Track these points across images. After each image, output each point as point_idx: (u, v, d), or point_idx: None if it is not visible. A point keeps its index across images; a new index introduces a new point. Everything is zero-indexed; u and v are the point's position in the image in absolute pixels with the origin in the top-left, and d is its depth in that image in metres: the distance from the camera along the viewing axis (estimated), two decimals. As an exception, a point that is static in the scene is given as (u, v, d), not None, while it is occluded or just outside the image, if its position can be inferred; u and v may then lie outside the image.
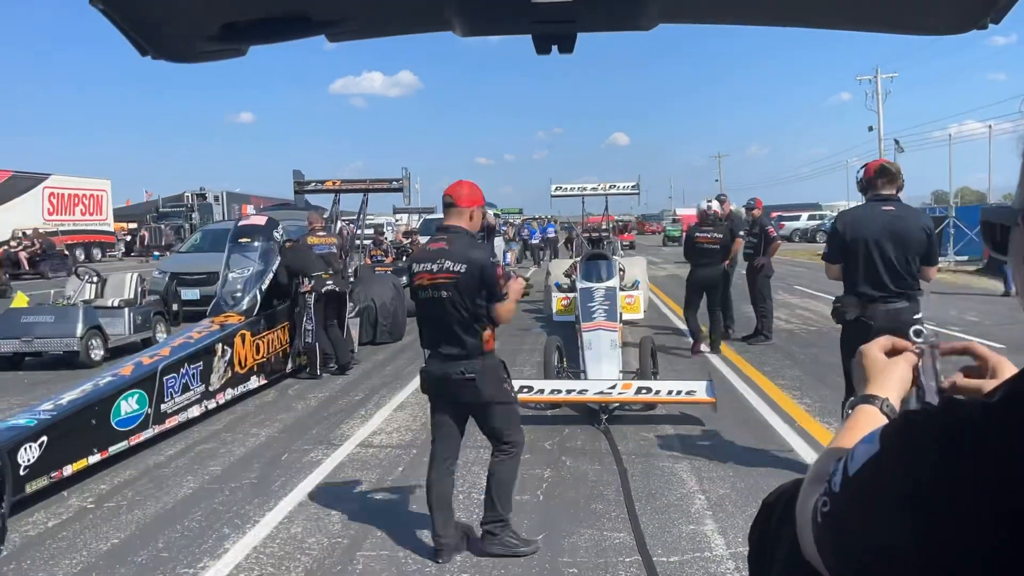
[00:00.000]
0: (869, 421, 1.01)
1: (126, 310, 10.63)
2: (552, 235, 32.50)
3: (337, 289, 9.31)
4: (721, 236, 10.17)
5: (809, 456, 5.78)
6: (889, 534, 0.73)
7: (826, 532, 0.82)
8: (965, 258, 24.42)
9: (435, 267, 4.09)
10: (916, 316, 4.89)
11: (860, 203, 5.68)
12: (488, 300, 4.06)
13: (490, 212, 14.63)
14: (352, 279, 10.89)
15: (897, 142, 37.95)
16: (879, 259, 4.90)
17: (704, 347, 10.01)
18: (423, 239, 16.98)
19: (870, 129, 43.37)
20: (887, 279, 4.89)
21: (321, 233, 9.76)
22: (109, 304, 10.63)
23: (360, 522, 4.72)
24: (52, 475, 5.07)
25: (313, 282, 8.91)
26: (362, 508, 4.95)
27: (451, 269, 4.03)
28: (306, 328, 8.91)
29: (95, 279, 10.93)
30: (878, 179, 5.06)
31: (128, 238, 40.42)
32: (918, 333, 1.22)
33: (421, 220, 22.90)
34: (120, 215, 42.06)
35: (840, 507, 0.81)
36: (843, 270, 5.10)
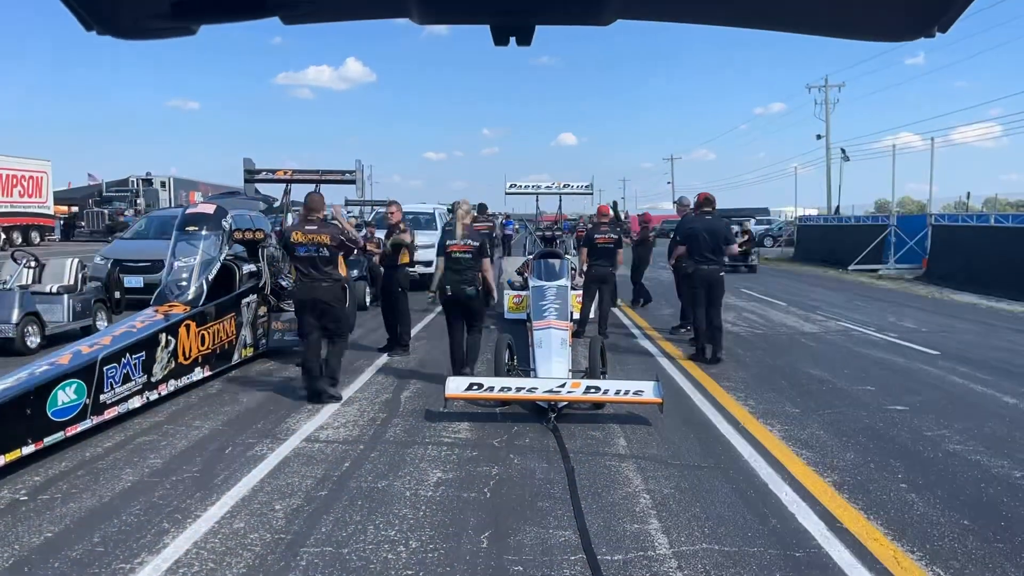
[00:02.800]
0: None
1: (65, 296, 10.31)
2: (510, 232, 32.10)
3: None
4: (615, 237, 11.35)
5: (751, 456, 5.89)
6: None
7: None
8: (905, 266, 25.14)
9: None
10: (721, 273, 9.67)
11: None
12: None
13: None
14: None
15: (843, 151, 38.90)
16: (703, 242, 9.46)
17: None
18: (379, 233, 16.80)
19: (818, 137, 44.33)
20: (707, 253, 9.49)
21: (311, 228, 7.57)
22: (47, 290, 10.29)
23: (304, 518, 4.65)
24: (-18, 466, 4.88)
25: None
26: (306, 503, 4.89)
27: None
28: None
29: (33, 263, 10.57)
30: (704, 204, 9.84)
31: (62, 222, 39.19)
32: None
33: (373, 213, 22.66)
34: (61, 198, 40.77)
35: None
36: (687, 249, 9.71)
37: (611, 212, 12.24)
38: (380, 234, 16.92)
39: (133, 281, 13.01)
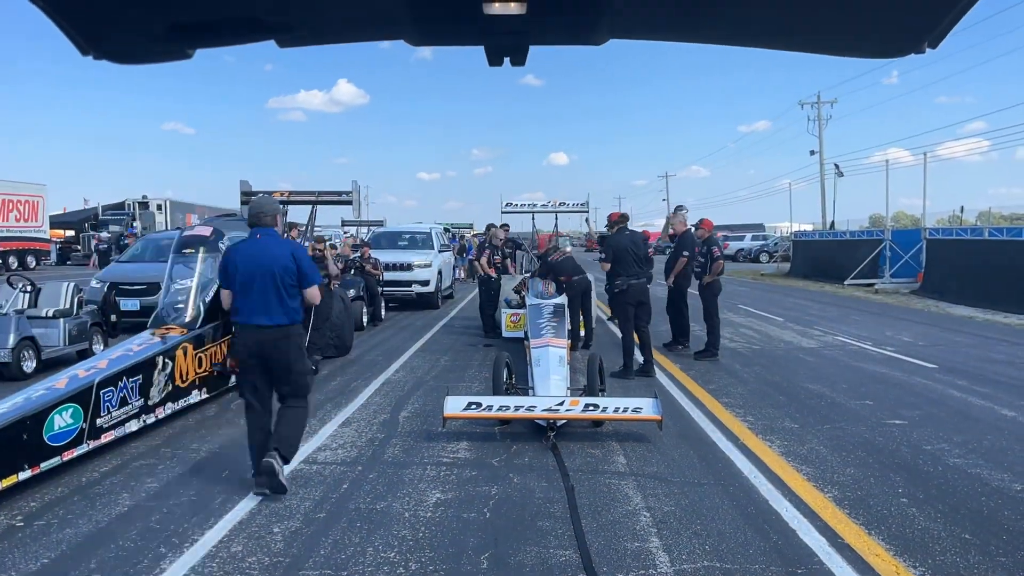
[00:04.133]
0: None
1: (61, 320, 10.28)
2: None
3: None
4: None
5: (751, 472, 5.87)
6: None
7: None
8: (901, 280, 25.18)
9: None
10: (648, 285, 10.01)
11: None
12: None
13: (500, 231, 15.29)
14: None
15: (837, 166, 39.06)
16: (631, 258, 9.72)
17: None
18: (375, 253, 16.87)
19: (812, 153, 44.57)
20: (635, 268, 9.73)
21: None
22: (43, 314, 10.26)
23: (303, 540, 4.62)
24: (-23, 492, 4.85)
25: None
26: (305, 525, 4.85)
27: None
28: None
29: (28, 288, 10.54)
30: (621, 221, 10.46)
31: (58, 247, 39.07)
32: None
33: (370, 232, 22.70)
34: (56, 222, 40.74)
35: None
36: (613, 265, 9.85)
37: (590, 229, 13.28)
38: (379, 254, 17.05)
39: (129, 304, 12.98)
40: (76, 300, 10.77)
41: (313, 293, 5.63)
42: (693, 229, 11.90)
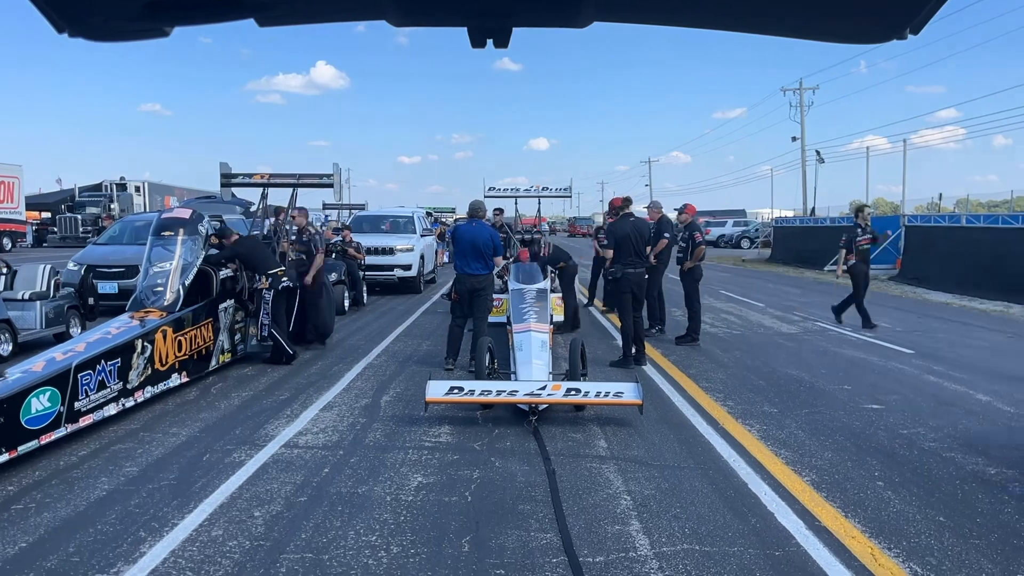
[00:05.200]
0: None
1: (37, 303, 10.16)
2: None
3: (292, 284, 10.03)
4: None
5: (731, 456, 5.93)
6: None
7: None
8: (880, 266, 25.43)
9: None
10: (644, 276, 9.74)
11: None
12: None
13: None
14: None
15: (818, 153, 39.32)
16: (631, 246, 9.45)
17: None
18: (356, 236, 16.80)
19: (793, 139, 44.81)
20: (634, 256, 9.48)
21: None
22: (19, 297, 10.14)
23: (283, 524, 4.62)
24: (-47, 476, 4.80)
25: (271, 279, 9.49)
26: (286, 510, 4.85)
27: None
28: (263, 323, 9.49)
29: (4, 270, 10.41)
30: (624, 206, 10.09)
31: (34, 228, 38.44)
32: None
33: (351, 215, 22.58)
34: (32, 204, 40.15)
35: None
36: (614, 253, 9.53)
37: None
38: (360, 238, 16.96)
39: (107, 287, 12.85)
40: (53, 283, 10.64)
41: (499, 260, 9.80)
42: (677, 213, 12.00)
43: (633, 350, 9.54)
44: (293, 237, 11.17)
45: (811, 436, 6.53)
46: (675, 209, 12.39)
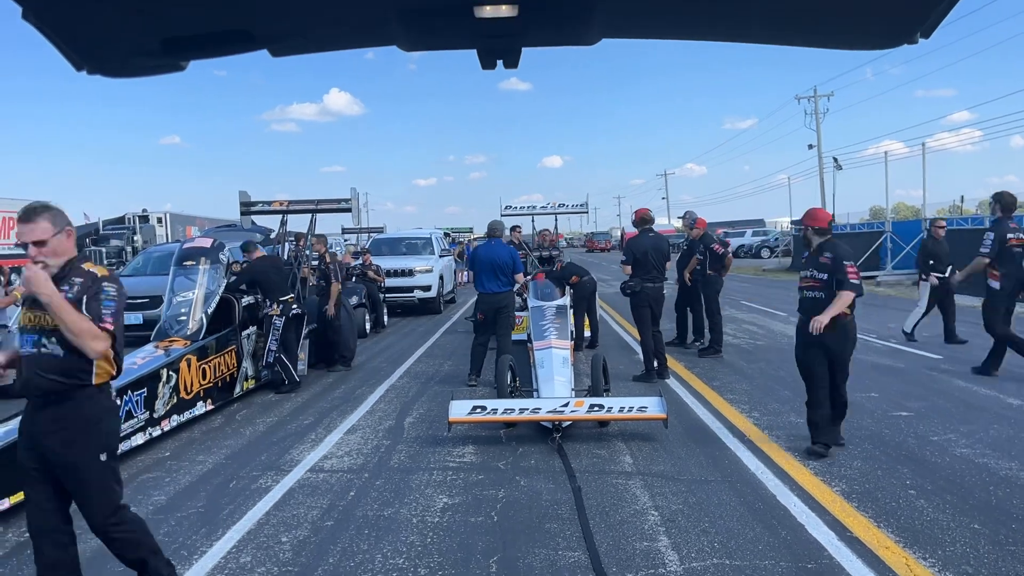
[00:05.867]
0: None
1: (65, 337, 10.28)
2: None
3: (301, 312, 10.02)
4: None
5: (758, 468, 5.86)
6: None
7: None
8: (903, 272, 25.13)
9: None
10: (664, 291, 9.63)
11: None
12: None
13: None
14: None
15: (836, 160, 39.04)
16: (651, 262, 9.38)
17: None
18: (375, 259, 16.89)
19: (810, 147, 44.55)
20: (653, 271, 9.42)
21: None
22: (47, 331, 10.26)
23: (311, 549, 4.62)
24: (-15, 510, 4.85)
25: (281, 306, 9.43)
26: (313, 534, 4.85)
27: None
28: (269, 348, 9.38)
29: (32, 305, 10.55)
30: (643, 223, 9.76)
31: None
32: None
33: (370, 239, 22.72)
34: (58, 239, 40.64)
35: None
36: (633, 269, 9.43)
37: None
38: (379, 261, 17.06)
39: (132, 318, 12.98)
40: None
41: (520, 277, 9.88)
42: (688, 229, 12.07)
43: (655, 363, 9.44)
44: (315, 263, 11.26)
45: (839, 445, 6.44)
46: (685, 225, 12.40)
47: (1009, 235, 8.86)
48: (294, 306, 9.67)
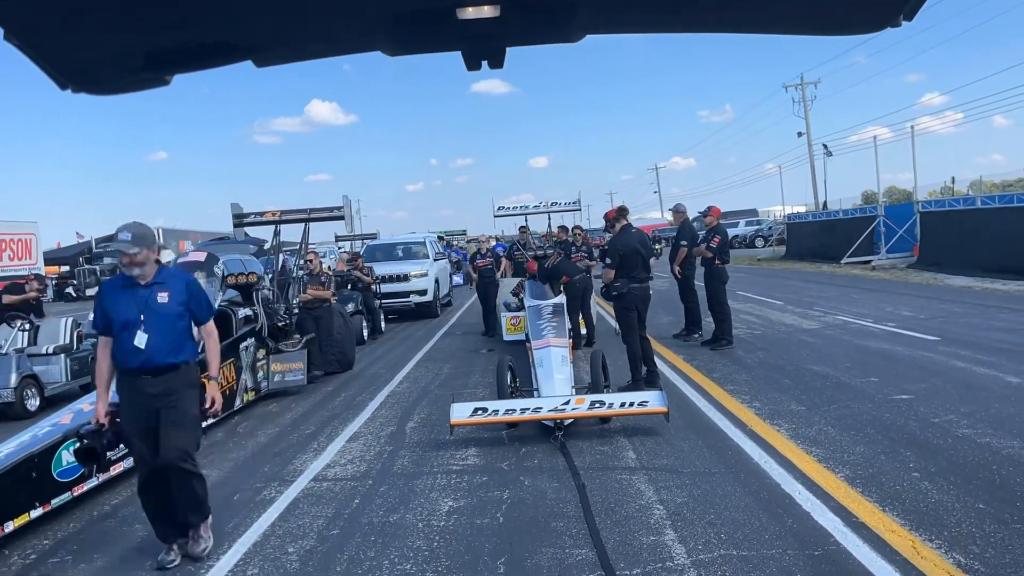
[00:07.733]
0: None
1: (62, 356, 10.27)
2: (502, 254, 31.79)
3: (289, 321, 10.28)
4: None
5: (761, 458, 5.87)
6: None
7: None
8: (898, 255, 25.21)
9: None
10: (650, 291, 9.00)
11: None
12: None
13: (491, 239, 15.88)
14: (296, 311, 10.84)
15: (826, 146, 39.14)
16: (639, 260, 8.68)
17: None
18: (370, 264, 16.89)
19: (799, 135, 44.60)
20: (640, 270, 8.70)
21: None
22: (43, 351, 10.26)
23: (318, 558, 4.61)
24: (-11, 534, 4.83)
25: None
26: (319, 544, 4.85)
27: None
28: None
29: (27, 326, 10.53)
30: (621, 217, 8.94)
31: (54, 283, 38.92)
32: None
33: (364, 246, 22.70)
34: (51, 259, 40.65)
35: None
36: (620, 268, 8.59)
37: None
38: (374, 267, 17.06)
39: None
40: (76, 335, 10.76)
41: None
42: (702, 216, 11.97)
43: (644, 371, 8.66)
44: (323, 279, 11.49)
45: (841, 432, 6.45)
46: (699, 212, 12.31)
47: None
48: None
